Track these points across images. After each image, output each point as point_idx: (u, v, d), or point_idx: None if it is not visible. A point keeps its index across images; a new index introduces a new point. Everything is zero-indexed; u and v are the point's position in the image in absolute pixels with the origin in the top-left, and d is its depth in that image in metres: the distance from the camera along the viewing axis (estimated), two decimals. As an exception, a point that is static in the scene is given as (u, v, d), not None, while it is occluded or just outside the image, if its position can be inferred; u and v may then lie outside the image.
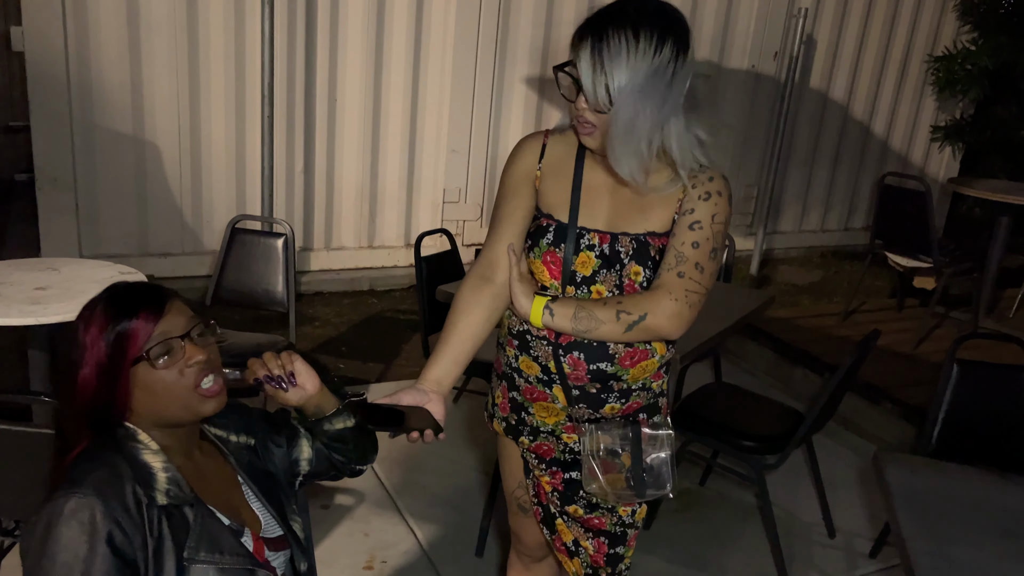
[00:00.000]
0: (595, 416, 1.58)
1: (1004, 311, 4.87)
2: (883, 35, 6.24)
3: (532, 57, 5.14)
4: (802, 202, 6.43)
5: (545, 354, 1.55)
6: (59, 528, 1.11)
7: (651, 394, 1.61)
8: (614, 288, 1.51)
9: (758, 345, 4.35)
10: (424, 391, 1.51)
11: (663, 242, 1.50)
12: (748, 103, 5.88)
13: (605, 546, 1.67)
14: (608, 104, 1.37)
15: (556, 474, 1.66)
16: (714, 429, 2.63)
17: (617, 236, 1.50)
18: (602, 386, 1.55)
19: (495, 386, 1.71)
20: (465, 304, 1.57)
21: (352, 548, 2.61)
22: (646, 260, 1.49)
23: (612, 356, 1.52)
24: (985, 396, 2.49)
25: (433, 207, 5.20)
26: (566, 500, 1.67)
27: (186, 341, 1.22)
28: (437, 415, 1.47)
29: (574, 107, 1.44)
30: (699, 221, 1.47)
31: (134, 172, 4.41)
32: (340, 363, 4.00)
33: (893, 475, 1.90)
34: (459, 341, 1.55)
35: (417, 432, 1.42)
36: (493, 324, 1.59)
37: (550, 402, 1.59)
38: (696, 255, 1.46)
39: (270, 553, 1.32)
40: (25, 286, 2.48)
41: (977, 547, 1.67)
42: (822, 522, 2.93)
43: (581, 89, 1.40)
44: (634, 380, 1.56)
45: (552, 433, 1.63)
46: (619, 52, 1.35)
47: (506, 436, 1.71)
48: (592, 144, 1.47)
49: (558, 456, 1.65)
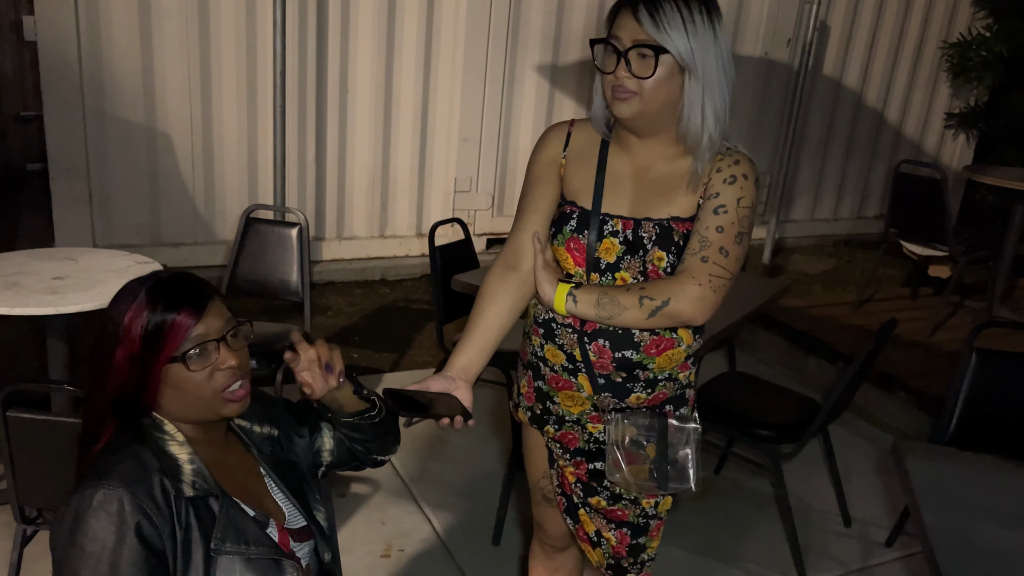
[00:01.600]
0: (621, 406, 1.57)
1: (1020, 299, 4.84)
2: (897, 21, 6.18)
3: (544, 45, 5.11)
4: (815, 190, 6.40)
5: (570, 342, 1.55)
6: (87, 519, 1.12)
7: (678, 385, 1.60)
8: (638, 274, 1.51)
9: (771, 334, 4.33)
10: (452, 378, 1.51)
11: (687, 227, 1.49)
12: (761, 90, 5.84)
13: (628, 537, 1.67)
14: (679, 58, 1.40)
15: (580, 464, 1.66)
16: (730, 418, 2.62)
17: (640, 222, 1.50)
18: (628, 375, 1.54)
19: (520, 375, 1.71)
20: (491, 293, 1.57)
21: (369, 536, 2.63)
22: (669, 245, 1.48)
23: (637, 344, 1.51)
24: (1002, 385, 2.48)
25: (445, 196, 5.20)
26: (589, 491, 1.67)
27: (221, 344, 1.23)
28: (465, 402, 1.48)
29: (612, 77, 1.44)
30: (724, 205, 1.46)
31: (146, 161, 4.42)
32: (354, 353, 4.01)
33: (913, 464, 1.89)
34: (485, 329, 1.55)
35: (448, 418, 1.43)
36: (519, 312, 1.60)
37: (575, 391, 1.59)
38: (721, 239, 1.45)
39: (295, 544, 1.33)
40: (43, 276, 2.49)
41: (997, 536, 1.67)
42: (837, 511, 2.93)
43: (623, 55, 1.42)
44: (660, 370, 1.55)
45: (577, 422, 1.63)
46: (674, 17, 1.39)
47: (531, 425, 1.71)
48: (628, 111, 1.46)
49: (583, 446, 1.65)
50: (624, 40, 1.42)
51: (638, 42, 1.40)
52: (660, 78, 1.41)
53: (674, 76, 1.42)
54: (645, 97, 1.43)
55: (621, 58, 1.42)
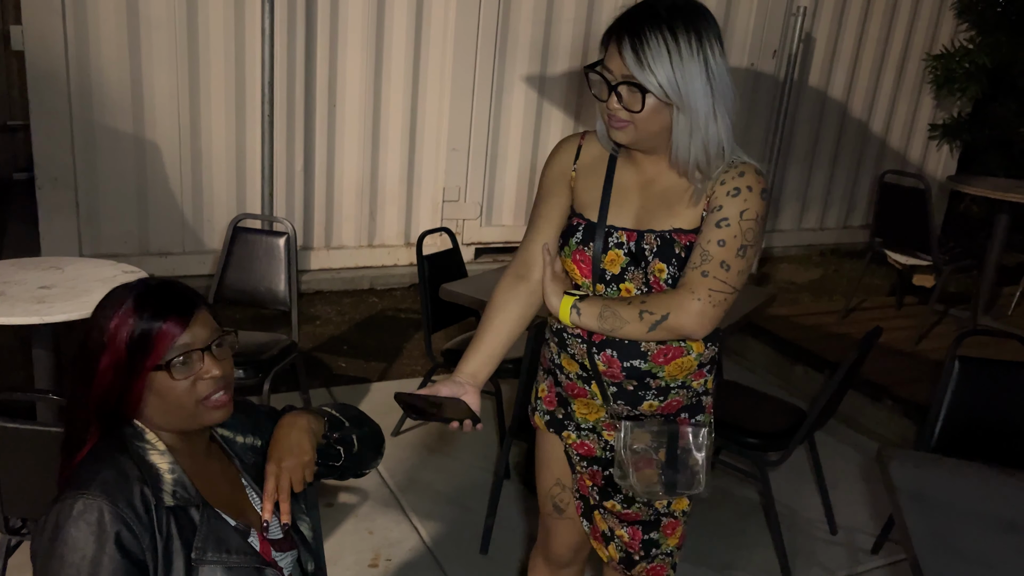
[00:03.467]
0: (634, 413, 1.59)
1: (1003, 308, 4.89)
2: (882, 33, 6.25)
3: (532, 55, 5.14)
4: (801, 200, 6.44)
5: (580, 352, 1.57)
6: (67, 529, 1.12)
7: (692, 393, 1.61)
8: (642, 286, 1.52)
9: (759, 342, 4.36)
10: (461, 383, 1.54)
11: (691, 239, 1.49)
12: (747, 101, 5.88)
13: (640, 532, 1.70)
14: (663, 97, 1.38)
15: (596, 473, 1.69)
16: (717, 425, 2.62)
17: (643, 233, 1.51)
18: (639, 383, 1.56)
19: (540, 380, 1.73)
20: (501, 301, 1.61)
21: (357, 546, 2.62)
22: (670, 257, 1.49)
23: (644, 353, 1.53)
24: (986, 393, 2.50)
25: (433, 206, 5.21)
26: (605, 495, 1.69)
27: (206, 354, 1.23)
28: (473, 406, 1.51)
29: (606, 106, 1.45)
30: (726, 218, 1.45)
31: (134, 171, 4.41)
32: (342, 362, 4.00)
33: (898, 470, 1.91)
34: (494, 336, 1.58)
35: (457, 422, 1.47)
36: (527, 321, 1.63)
37: (590, 398, 1.62)
38: (722, 253, 1.44)
39: (277, 553, 1.33)
40: (29, 285, 2.48)
41: (981, 542, 1.68)
42: (824, 518, 2.94)
43: (613, 89, 1.42)
44: (671, 378, 1.56)
45: (592, 430, 1.66)
46: (659, 52, 1.36)
47: (548, 430, 1.72)
48: (624, 138, 1.47)
49: (599, 454, 1.67)
50: (615, 73, 1.42)
51: (626, 78, 1.40)
52: (649, 110, 1.41)
53: (663, 107, 1.41)
54: (639, 127, 1.44)
55: (612, 91, 1.43)
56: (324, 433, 1.39)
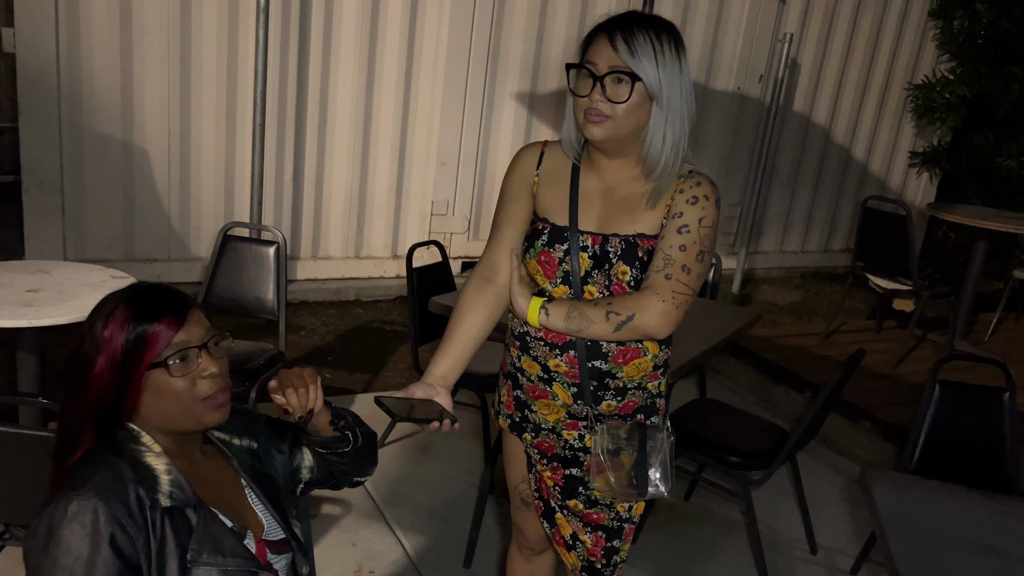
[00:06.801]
0: (594, 413, 1.64)
1: (979, 334, 4.97)
2: (865, 62, 6.37)
3: (523, 72, 5.19)
4: (783, 223, 6.53)
5: (543, 353, 1.62)
6: (61, 530, 1.11)
7: (647, 395, 1.67)
8: (604, 288, 1.58)
9: (741, 362, 4.40)
10: (432, 385, 1.59)
11: (652, 244, 1.56)
12: (733, 124, 5.97)
13: (603, 540, 1.74)
14: (651, 86, 1.48)
15: (557, 470, 1.73)
16: (701, 444, 2.66)
17: (608, 237, 1.57)
18: (599, 383, 1.61)
19: (501, 384, 1.78)
20: (468, 304, 1.65)
21: (341, 558, 2.61)
22: (633, 260, 1.55)
23: (605, 354, 1.59)
24: (965, 416, 2.55)
25: (421, 219, 5.22)
26: (567, 495, 1.73)
27: (202, 352, 1.24)
28: (446, 406, 1.56)
29: (587, 100, 1.50)
30: (687, 224, 1.53)
31: (122, 176, 4.39)
32: (327, 373, 3.99)
33: (880, 491, 1.94)
34: (463, 339, 1.63)
35: (436, 422, 1.51)
36: (494, 323, 1.67)
37: (551, 399, 1.66)
38: (683, 257, 1.52)
39: (272, 556, 1.33)
40: (16, 288, 2.47)
41: (961, 563, 1.71)
42: (804, 538, 2.97)
43: (599, 80, 1.48)
44: (629, 379, 1.62)
45: (553, 430, 1.70)
46: (647, 48, 1.47)
47: (511, 432, 1.78)
48: (600, 134, 1.52)
49: (559, 452, 1.72)
50: (600, 66, 1.49)
51: (614, 68, 1.48)
52: (633, 104, 1.49)
53: (644, 103, 1.50)
54: (617, 121, 1.50)
55: (597, 83, 1.49)
56: (331, 420, 1.41)
